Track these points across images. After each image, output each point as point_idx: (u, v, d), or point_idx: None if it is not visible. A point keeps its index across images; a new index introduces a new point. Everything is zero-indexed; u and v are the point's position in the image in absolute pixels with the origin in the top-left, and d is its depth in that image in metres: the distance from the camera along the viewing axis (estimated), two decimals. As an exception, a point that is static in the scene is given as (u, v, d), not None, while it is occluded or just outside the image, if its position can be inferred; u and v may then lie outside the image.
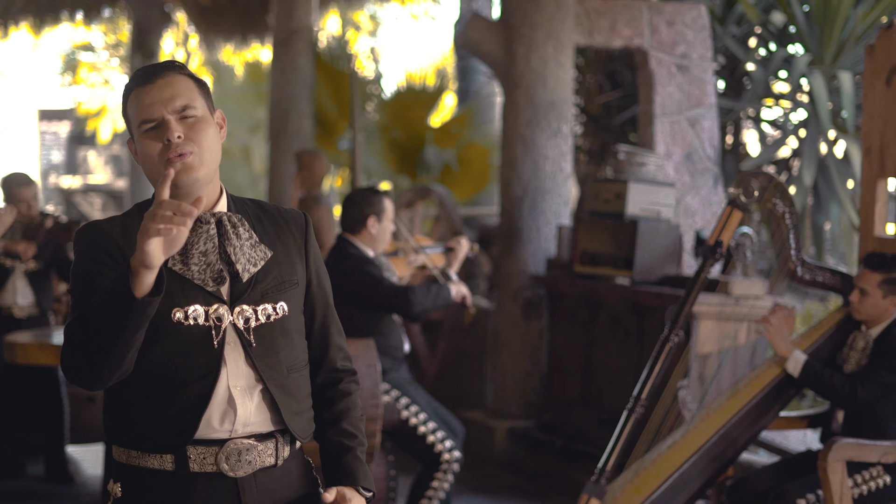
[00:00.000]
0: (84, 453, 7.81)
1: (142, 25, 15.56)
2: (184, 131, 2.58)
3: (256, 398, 2.62)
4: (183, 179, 2.56)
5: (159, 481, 2.60)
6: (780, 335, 5.14)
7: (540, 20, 7.95)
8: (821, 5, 9.50)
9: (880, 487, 4.96)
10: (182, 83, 2.62)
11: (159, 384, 2.57)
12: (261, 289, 2.64)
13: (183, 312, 2.56)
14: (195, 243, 2.59)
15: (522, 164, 8.01)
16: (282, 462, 2.68)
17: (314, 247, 2.81)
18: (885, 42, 5.39)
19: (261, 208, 2.77)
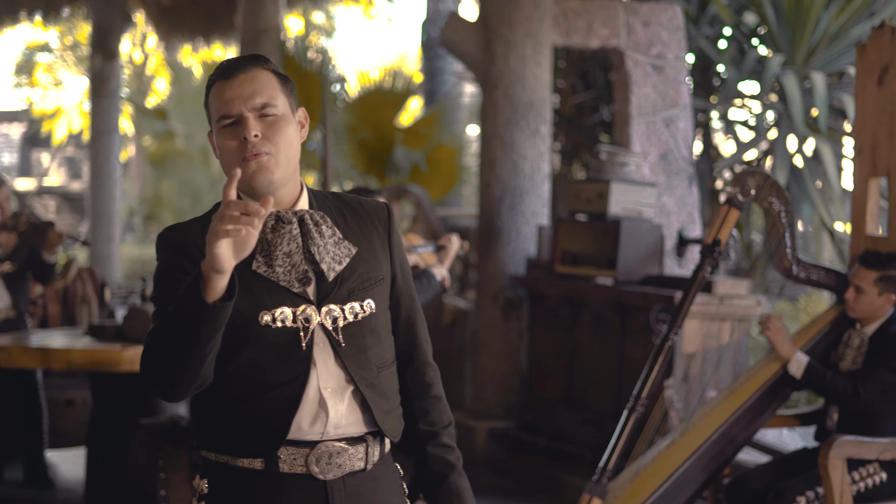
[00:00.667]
0: (63, 458, 7.71)
1: (101, 26, 15.41)
2: (262, 130, 2.52)
3: (347, 399, 2.56)
4: (258, 181, 2.51)
5: (247, 480, 2.55)
6: (782, 337, 5.16)
7: (518, 20, 7.95)
8: (793, 6, 9.56)
9: (877, 484, 4.99)
10: (264, 80, 2.56)
11: (248, 389, 2.52)
12: (347, 287, 2.59)
13: (270, 315, 2.51)
14: (278, 244, 2.54)
15: (501, 165, 8.01)
16: (371, 466, 2.63)
17: (397, 239, 2.74)
18: (877, 42, 5.42)
19: (342, 202, 2.71)
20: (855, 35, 9.84)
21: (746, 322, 6.92)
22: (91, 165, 15.48)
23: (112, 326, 6.25)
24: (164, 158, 21.85)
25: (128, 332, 6.10)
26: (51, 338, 6.33)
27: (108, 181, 15.23)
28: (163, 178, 22.06)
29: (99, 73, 15.19)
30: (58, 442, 7.38)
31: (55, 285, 7.84)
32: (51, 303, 7.85)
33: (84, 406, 7.37)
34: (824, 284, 5.38)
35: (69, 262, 8.11)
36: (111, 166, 15.26)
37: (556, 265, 7.54)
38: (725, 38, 10.27)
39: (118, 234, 15.58)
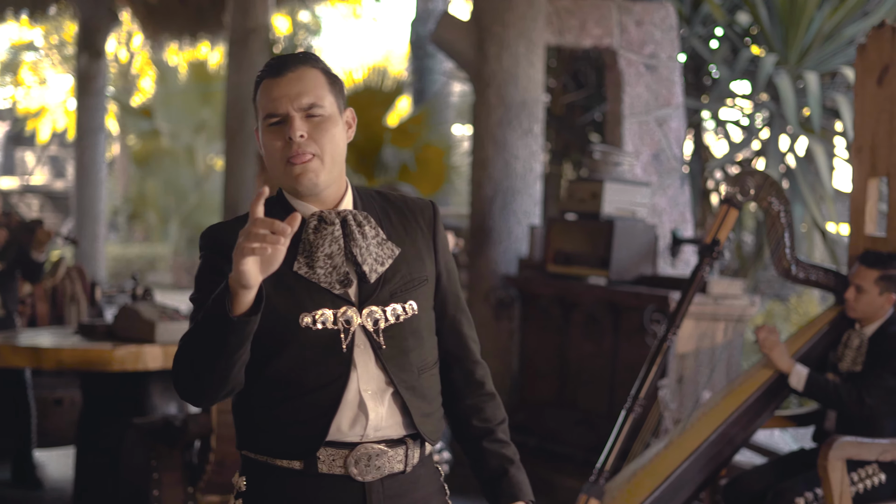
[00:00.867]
0: (50, 457, 7.66)
1: (88, 24, 15.37)
2: (308, 130, 2.49)
3: (387, 401, 2.53)
4: (303, 182, 2.49)
5: (285, 479, 2.54)
6: (779, 352, 5.12)
7: (512, 19, 7.91)
8: (786, 6, 9.55)
9: (875, 486, 4.97)
10: (313, 79, 2.52)
11: (288, 391, 2.50)
12: (389, 288, 2.56)
13: (311, 317, 2.48)
14: (320, 245, 2.51)
15: (493, 164, 7.97)
16: (410, 469, 2.59)
17: (442, 238, 2.71)
18: (877, 42, 5.40)
19: (387, 201, 2.67)
20: (848, 35, 9.83)
21: (741, 322, 6.90)
22: (76, 164, 15.43)
23: (102, 325, 6.20)
24: (149, 157, 21.79)
25: (118, 332, 6.06)
26: (40, 337, 6.27)
27: (93, 180, 15.18)
28: (147, 177, 21.99)
29: (85, 72, 15.14)
30: (46, 441, 7.32)
31: (44, 284, 7.78)
32: (39, 302, 7.79)
33: (72, 405, 7.31)
34: (823, 285, 5.35)
35: (58, 260, 8.05)
36: (97, 165, 15.22)
37: (548, 265, 7.50)
38: (717, 38, 10.25)
39: (103, 233, 15.51)
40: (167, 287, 19.99)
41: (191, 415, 5.11)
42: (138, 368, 5.77)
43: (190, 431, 5.04)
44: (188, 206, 21.25)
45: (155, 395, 6.07)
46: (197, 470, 5.11)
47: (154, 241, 23.25)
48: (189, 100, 20.94)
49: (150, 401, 6.05)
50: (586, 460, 6.90)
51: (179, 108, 21.05)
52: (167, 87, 21.58)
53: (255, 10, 11.33)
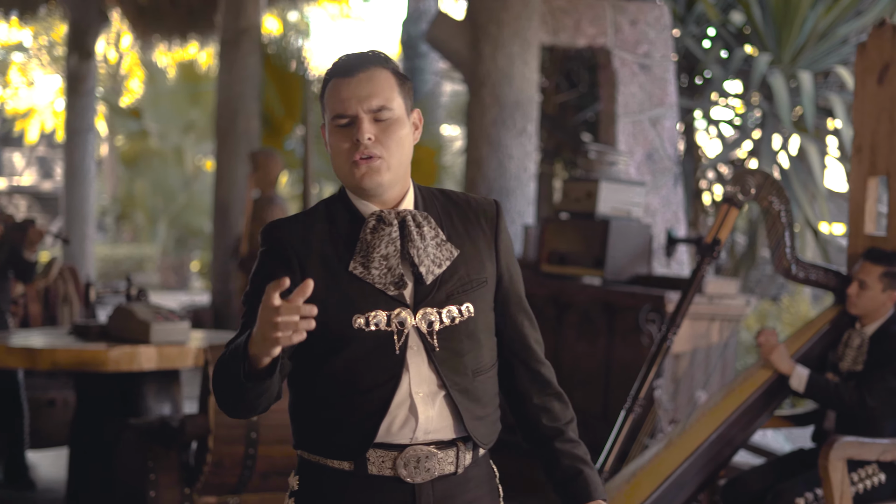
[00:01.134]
0: (43, 458, 7.61)
1: (78, 25, 15.31)
2: (375, 133, 2.48)
3: (438, 404, 2.51)
4: (367, 183, 2.48)
5: (337, 479, 2.53)
6: (778, 356, 5.10)
7: (507, 18, 7.89)
8: (780, 5, 9.55)
9: (875, 486, 4.95)
10: (383, 80, 2.51)
11: (340, 391, 2.50)
12: (446, 290, 2.53)
13: (364, 318, 2.47)
14: (377, 246, 2.49)
15: (488, 164, 7.95)
16: (462, 470, 2.57)
17: (505, 240, 2.66)
18: (877, 40, 5.38)
19: (450, 200, 2.64)
20: (842, 34, 9.84)
21: (736, 322, 6.89)
22: (66, 165, 15.37)
23: (97, 326, 6.16)
24: (138, 158, 21.75)
25: (113, 332, 6.02)
26: (33, 337, 6.23)
27: (82, 180, 15.13)
28: (136, 178, 21.95)
29: (75, 72, 15.09)
30: (38, 442, 7.27)
31: (36, 284, 7.73)
32: (32, 302, 7.74)
33: (65, 406, 7.26)
34: (823, 284, 5.33)
35: (50, 261, 8.00)
36: (86, 165, 15.17)
37: (542, 265, 7.47)
38: (710, 38, 10.25)
39: (93, 234, 15.46)
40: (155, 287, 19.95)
41: (188, 416, 5.08)
42: (133, 369, 5.73)
43: (187, 432, 5.00)
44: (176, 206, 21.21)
45: (149, 396, 6.04)
46: (194, 471, 5.08)
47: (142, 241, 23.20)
48: (178, 100, 20.90)
49: (144, 402, 6.01)
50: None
51: (168, 109, 21.01)
52: (156, 88, 21.54)
53: (246, 11, 11.32)
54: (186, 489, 5.09)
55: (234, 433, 4.84)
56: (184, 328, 5.92)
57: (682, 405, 6.57)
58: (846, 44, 10.04)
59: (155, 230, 22.07)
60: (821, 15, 9.65)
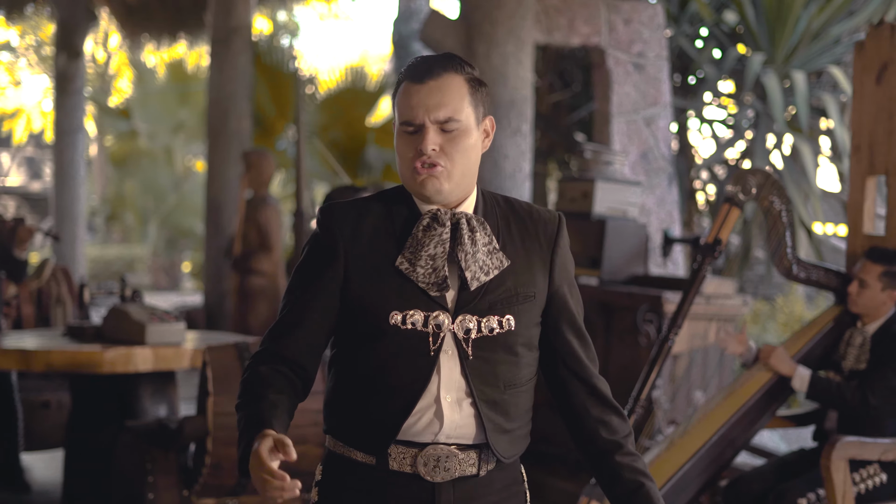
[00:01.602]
0: (38, 460, 7.57)
1: (66, 24, 15.25)
2: (440, 143, 2.46)
3: (465, 411, 2.49)
4: (428, 188, 2.47)
5: (359, 473, 2.54)
6: (779, 358, 5.09)
7: (500, 17, 7.86)
8: (773, 5, 9.54)
9: (877, 486, 4.94)
10: (454, 89, 2.48)
11: (371, 386, 2.50)
12: (489, 299, 2.50)
13: (401, 316, 2.46)
14: (426, 245, 2.48)
15: (483, 164, 7.90)
16: (485, 472, 2.54)
17: (563, 255, 2.63)
18: (876, 40, 5.37)
19: (512, 210, 2.61)
20: (835, 34, 9.84)
21: (733, 322, 6.87)
22: (55, 165, 15.31)
23: (91, 327, 6.12)
24: (127, 158, 21.68)
25: (107, 333, 5.99)
26: (27, 339, 6.19)
27: (72, 181, 15.07)
28: (125, 178, 21.88)
29: (63, 72, 15.03)
30: (33, 444, 7.23)
31: (29, 286, 7.68)
32: (25, 303, 7.69)
33: (60, 408, 7.22)
34: (824, 284, 5.32)
35: (43, 262, 7.96)
36: (76, 166, 15.11)
37: (539, 265, 7.44)
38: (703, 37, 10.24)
39: (83, 234, 15.40)
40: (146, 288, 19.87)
41: (186, 417, 5.04)
42: (129, 370, 5.71)
43: (185, 434, 4.97)
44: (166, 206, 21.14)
45: (145, 398, 6.01)
46: (192, 473, 5.05)
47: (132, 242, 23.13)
48: (167, 100, 20.82)
49: (140, 403, 5.99)
50: (579, 462, 6.85)
51: (157, 109, 20.93)
52: (145, 88, 21.46)
53: (237, 10, 11.26)
54: (185, 491, 5.06)
55: (233, 435, 4.77)
56: (179, 329, 5.90)
57: (680, 406, 6.56)
58: (839, 44, 10.05)
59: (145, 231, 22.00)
60: (814, 15, 9.65)
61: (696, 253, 5.26)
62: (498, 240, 2.54)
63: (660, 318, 6.54)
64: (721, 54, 10.16)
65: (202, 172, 19.50)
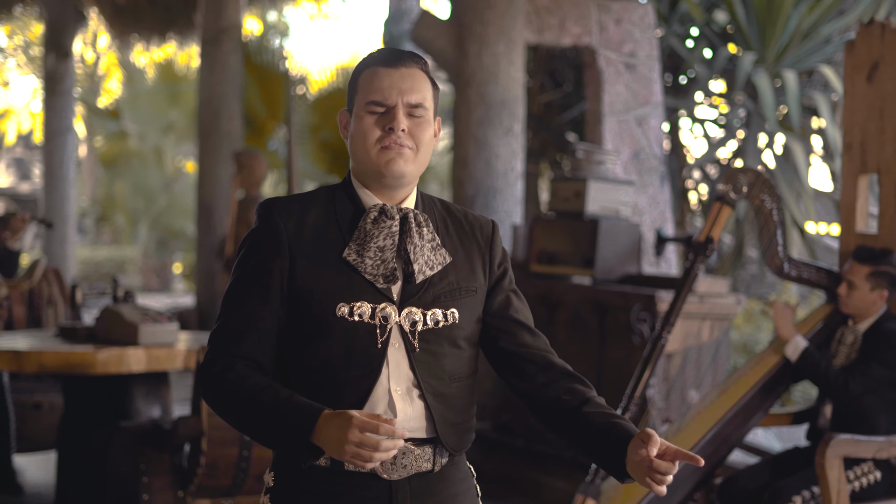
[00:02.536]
0: (30, 462, 7.55)
1: (55, 24, 15.21)
2: (408, 126, 2.52)
3: (416, 403, 2.52)
4: (392, 169, 2.50)
5: (312, 475, 2.53)
6: (785, 318, 5.12)
7: (492, 17, 7.87)
8: (763, 4, 9.56)
9: (871, 483, 4.96)
10: (422, 80, 2.57)
11: (320, 381, 2.50)
12: (433, 293, 2.55)
13: (348, 308, 2.48)
14: (375, 237, 2.52)
15: (475, 163, 7.93)
16: (439, 468, 2.57)
17: (500, 255, 2.69)
18: (866, 38, 5.39)
19: (448, 211, 2.68)
20: (825, 33, 9.86)
21: (726, 321, 6.88)
22: (44, 166, 15.27)
23: (83, 328, 6.11)
24: (117, 159, 21.63)
25: (100, 334, 5.97)
26: (19, 340, 6.17)
27: (62, 182, 15.03)
28: (115, 179, 21.82)
29: (52, 73, 14.99)
30: (25, 446, 7.21)
31: (21, 286, 7.67)
32: (16, 304, 7.67)
33: (52, 409, 7.20)
34: (815, 282, 5.34)
35: (34, 263, 7.94)
36: (65, 167, 15.07)
37: (531, 264, 7.45)
38: (693, 37, 10.26)
39: (73, 236, 15.36)
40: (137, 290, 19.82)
41: (181, 418, 5.03)
42: (121, 371, 5.69)
43: (180, 434, 4.96)
44: (157, 207, 21.10)
45: (138, 399, 5.99)
46: (187, 474, 5.04)
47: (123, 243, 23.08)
48: (157, 101, 20.78)
49: (133, 404, 5.97)
50: (573, 461, 6.86)
51: (147, 109, 20.89)
52: (134, 88, 21.41)
53: (227, 10, 11.25)
54: (180, 492, 5.05)
55: (228, 435, 4.81)
56: (172, 330, 5.88)
57: (674, 404, 6.57)
58: (830, 43, 10.07)
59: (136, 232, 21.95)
60: (804, 14, 9.66)
61: (689, 252, 5.28)
62: (438, 237, 2.59)
63: (653, 317, 6.55)
64: (712, 54, 10.17)
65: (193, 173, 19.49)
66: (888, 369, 4.94)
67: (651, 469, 2.36)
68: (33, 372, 6.15)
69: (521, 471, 7.30)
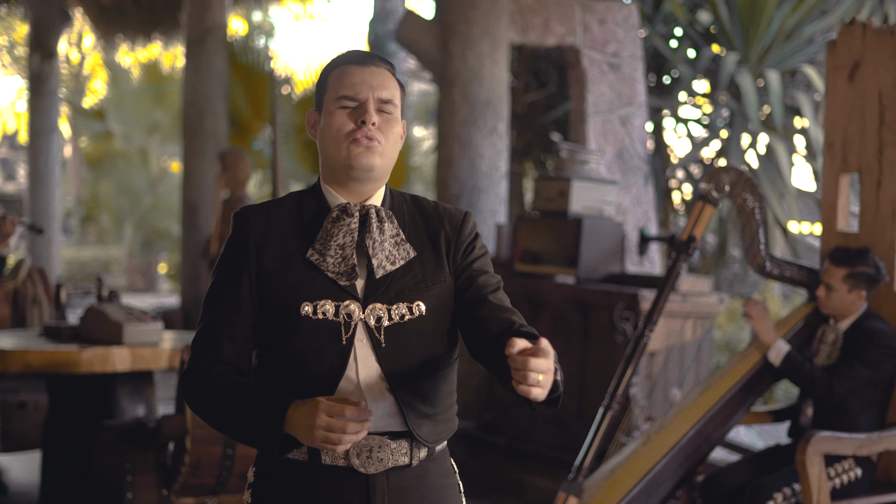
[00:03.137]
0: (15, 462, 7.55)
1: (40, 24, 15.18)
2: (379, 122, 2.57)
3: (386, 397, 2.54)
4: (362, 162, 2.54)
5: (292, 470, 2.57)
6: (764, 324, 5.14)
7: (476, 17, 7.89)
8: (747, 5, 9.60)
9: (852, 480, 4.99)
10: (391, 79, 2.62)
11: (290, 379, 2.54)
12: (397, 287, 2.56)
13: (311, 306, 2.52)
14: (335, 235, 2.55)
15: (459, 163, 7.95)
16: (417, 462, 2.59)
17: (469, 240, 2.65)
18: (848, 38, 5.42)
19: (418, 206, 2.69)
20: (808, 33, 9.90)
21: (709, 319, 6.92)
22: (29, 166, 15.25)
23: (68, 327, 6.11)
24: (102, 159, 21.57)
25: (85, 333, 5.98)
26: (3, 339, 6.17)
27: (47, 182, 15.01)
28: (100, 179, 21.78)
29: (37, 73, 14.97)
30: (9, 446, 7.20)
31: (5, 286, 7.67)
32: (1, 304, 7.67)
33: (36, 409, 7.20)
34: (797, 281, 5.37)
35: (19, 262, 7.94)
36: (50, 167, 15.05)
37: (515, 264, 7.48)
38: (677, 37, 10.29)
39: (58, 236, 15.34)
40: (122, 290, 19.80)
41: (165, 416, 5.04)
42: (106, 370, 5.69)
43: (164, 433, 4.97)
44: (142, 208, 21.06)
45: (123, 398, 6.00)
46: (171, 472, 5.05)
47: (108, 243, 23.04)
48: (142, 101, 20.75)
49: (118, 403, 5.97)
50: (556, 459, 6.89)
51: (132, 110, 20.85)
52: (119, 89, 21.37)
53: (212, 10, 11.25)
54: (164, 490, 5.06)
55: (212, 433, 4.81)
56: (157, 329, 5.89)
57: (657, 403, 6.60)
58: (812, 43, 10.12)
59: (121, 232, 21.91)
60: (787, 14, 9.71)
61: (672, 251, 5.31)
62: (404, 232, 2.61)
63: (636, 315, 6.58)
64: (695, 54, 10.21)
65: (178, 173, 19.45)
66: (871, 369, 4.98)
67: (514, 370, 2.27)
68: (18, 371, 6.14)
69: (504, 469, 7.33)
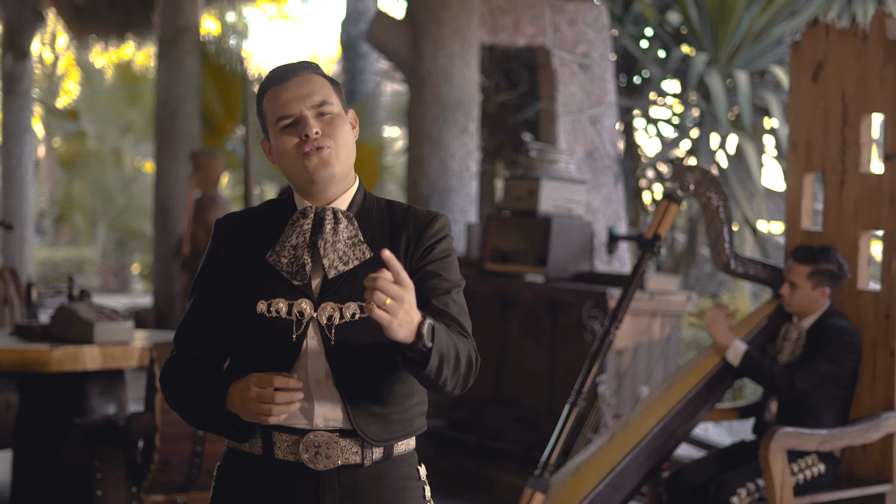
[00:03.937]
0: (-15, 461, 7.55)
1: (12, 24, 15.14)
2: (321, 128, 2.58)
3: (334, 395, 2.58)
4: (320, 174, 2.57)
5: (248, 464, 2.65)
6: (718, 326, 5.20)
7: (446, 18, 7.93)
8: (716, 5, 9.67)
9: (815, 476, 5.05)
10: (317, 81, 2.63)
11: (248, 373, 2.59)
12: (350, 287, 2.57)
13: (266, 305, 2.58)
14: (290, 236, 2.61)
15: (430, 163, 7.99)
16: (370, 463, 2.60)
17: (427, 245, 2.64)
18: (811, 39, 5.49)
19: (391, 210, 2.70)
20: (777, 34, 9.97)
21: (677, 318, 6.97)
22: (2, 167, 15.20)
23: (39, 326, 6.11)
24: (76, 159, 21.52)
25: (55, 332, 5.98)
26: (-26, 339, 6.17)
27: (20, 182, 14.98)
28: (74, 180, 21.73)
29: (10, 73, 14.93)
30: (-19, 444, 7.20)
31: (-24, 286, 7.67)
32: (-28, 304, 7.68)
33: (7, 408, 7.19)
34: (761, 279, 5.43)
35: (-10, 262, 7.95)
36: (23, 167, 15.02)
37: (485, 263, 7.52)
38: (647, 38, 10.36)
39: (31, 237, 15.31)
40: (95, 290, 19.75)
41: (134, 414, 5.07)
42: (77, 369, 5.70)
43: (133, 430, 5.00)
44: (116, 208, 21.02)
45: (94, 396, 6.01)
46: (141, 469, 5.08)
47: (81, 244, 22.98)
48: (115, 101, 20.71)
49: (89, 402, 5.98)
50: (526, 457, 6.93)
51: (105, 110, 20.81)
52: (93, 89, 21.33)
53: (185, 11, 11.26)
54: (134, 488, 5.08)
55: (181, 431, 4.84)
56: (127, 328, 5.90)
57: (625, 400, 6.65)
58: (781, 43, 10.20)
59: (94, 232, 21.87)
60: (756, 15, 9.78)
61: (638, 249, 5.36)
62: (366, 236, 2.63)
63: (605, 314, 6.64)
64: (665, 54, 10.28)
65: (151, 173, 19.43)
66: (833, 365, 5.04)
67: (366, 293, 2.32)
68: (-12, 370, 6.16)
69: (474, 467, 7.37)
